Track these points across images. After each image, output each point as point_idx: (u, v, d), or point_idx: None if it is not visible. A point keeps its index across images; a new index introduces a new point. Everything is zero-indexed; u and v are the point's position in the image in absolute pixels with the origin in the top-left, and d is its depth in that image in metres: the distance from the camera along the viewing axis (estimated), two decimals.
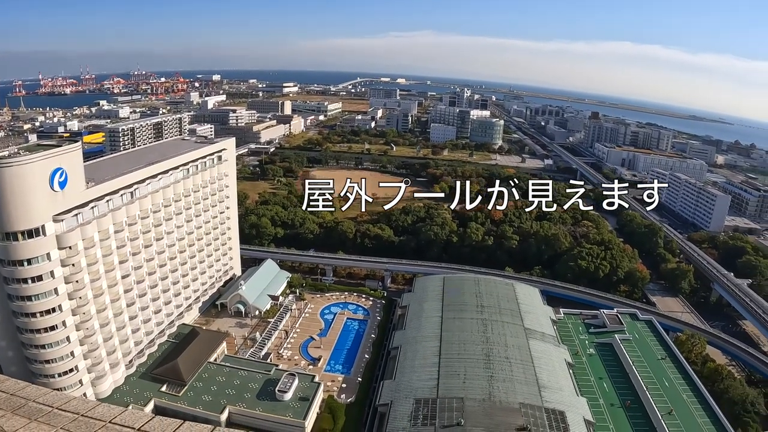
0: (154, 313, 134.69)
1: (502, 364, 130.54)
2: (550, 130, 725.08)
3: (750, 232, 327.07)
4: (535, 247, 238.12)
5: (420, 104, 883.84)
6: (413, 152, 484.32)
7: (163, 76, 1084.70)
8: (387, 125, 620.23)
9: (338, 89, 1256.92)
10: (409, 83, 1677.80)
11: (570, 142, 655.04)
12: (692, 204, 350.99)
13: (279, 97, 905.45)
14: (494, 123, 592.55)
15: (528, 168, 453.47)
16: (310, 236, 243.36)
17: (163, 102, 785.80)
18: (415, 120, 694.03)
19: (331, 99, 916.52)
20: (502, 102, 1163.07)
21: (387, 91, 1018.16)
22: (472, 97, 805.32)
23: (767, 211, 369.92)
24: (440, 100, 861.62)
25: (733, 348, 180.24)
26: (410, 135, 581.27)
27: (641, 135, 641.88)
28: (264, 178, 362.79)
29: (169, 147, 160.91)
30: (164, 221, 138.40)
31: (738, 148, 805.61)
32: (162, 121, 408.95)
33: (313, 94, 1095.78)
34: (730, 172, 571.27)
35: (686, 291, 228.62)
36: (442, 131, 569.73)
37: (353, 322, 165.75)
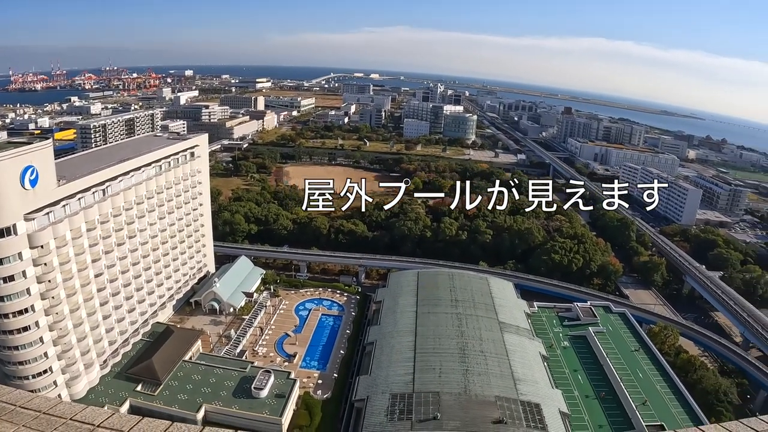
0: (128, 312, 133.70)
1: (477, 358, 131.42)
2: (523, 125, 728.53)
3: (721, 225, 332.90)
4: (509, 241, 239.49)
5: (393, 99, 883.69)
6: (387, 147, 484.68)
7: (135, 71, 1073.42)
8: (360, 121, 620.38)
9: (312, 85, 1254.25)
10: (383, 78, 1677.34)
11: (543, 137, 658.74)
12: (664, 197, 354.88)
13: (252, 92, 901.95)
14: (467, 118, 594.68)
15: (501, 163, 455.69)
16: (284, 232, 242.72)
17: (135, 98, 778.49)
18: (388, 115, 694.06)
19: (304, 94, 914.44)
20: (475, 97, 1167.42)
21: (360, 87, 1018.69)
22: (446, 92, 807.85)
23: (738, 204, 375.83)
24: (414, 95, 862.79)
25: (705, 339, 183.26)
26: (384, 130, 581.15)
27: (614, 130, 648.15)
28: (237, 174, 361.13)
29: (142, 143, 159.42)
30: (137, 219, 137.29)
31: (709, 143, 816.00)
32: (134, 118, 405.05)
33: (286, 89, 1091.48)
34: (701, 167, 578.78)
35: (659, 283, 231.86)
36: (416, 126, 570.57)
37: (328, 317, 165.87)
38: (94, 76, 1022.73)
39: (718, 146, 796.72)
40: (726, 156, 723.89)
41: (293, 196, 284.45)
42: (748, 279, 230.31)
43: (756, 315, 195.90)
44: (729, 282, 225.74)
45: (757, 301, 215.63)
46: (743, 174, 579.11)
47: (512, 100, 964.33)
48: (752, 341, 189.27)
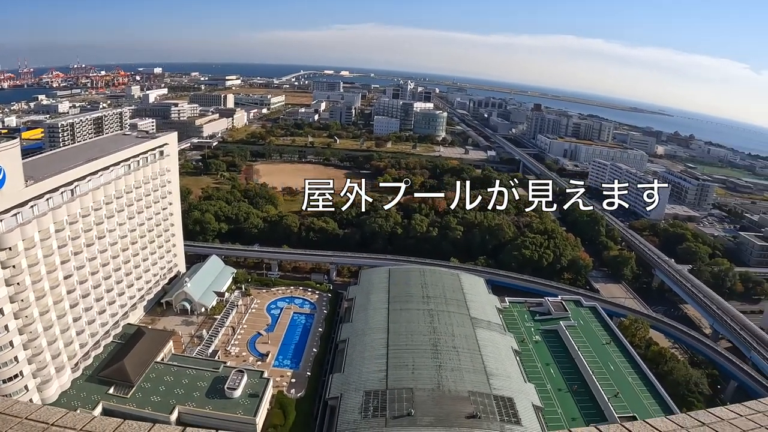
0: (99, 314, 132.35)
1: (449, 354, 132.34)
2: (493, 121, 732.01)
3: (689, 219, 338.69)
4: (480, 237, 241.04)
5: (364, 97, 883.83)
6: (357, 145, 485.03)
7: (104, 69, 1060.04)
8: (330, 118, 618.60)
9: (281, 82, 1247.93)
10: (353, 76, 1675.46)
11: (513, 134, 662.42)
12: (633, 193, 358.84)
13: (222, 90, 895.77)
14: (438, 115, 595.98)
15: (471, 159, 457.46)
16: (255, 231, 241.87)
17: (104, 96, 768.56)
18: (358, 112, 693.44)
19: (274, 92, 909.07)
20: (445, 94, 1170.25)
21: (330, 84, 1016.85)
22: (416, 89, 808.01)
23: (706, 199, 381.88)
24: (384, 92, 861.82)
25: (675, 331, 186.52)
26: (354, 127, 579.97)
27: (583, 126, 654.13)
28: (207, 172, 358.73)
29: (110, 142, 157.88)
30: (106, 219, 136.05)
31: (677, 139, 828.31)
32: (102, 116, 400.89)
33: (256, 87, 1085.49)
34: (669, 162, 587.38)
35: (629, 277, 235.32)
36: (386, 123, 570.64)
37: (300, 316, 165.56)
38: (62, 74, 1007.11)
39: (686, 142, 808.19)
40: (694, 152, 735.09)
41: (263, 194, 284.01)
42: (716, 272, 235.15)
43: (724, 307, 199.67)
44: (698, 275, 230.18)
45: (725, 294, 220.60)
46: (711, 169, 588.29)
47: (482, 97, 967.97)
48: (721, 332, 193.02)
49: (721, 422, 11.20)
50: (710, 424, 11.09)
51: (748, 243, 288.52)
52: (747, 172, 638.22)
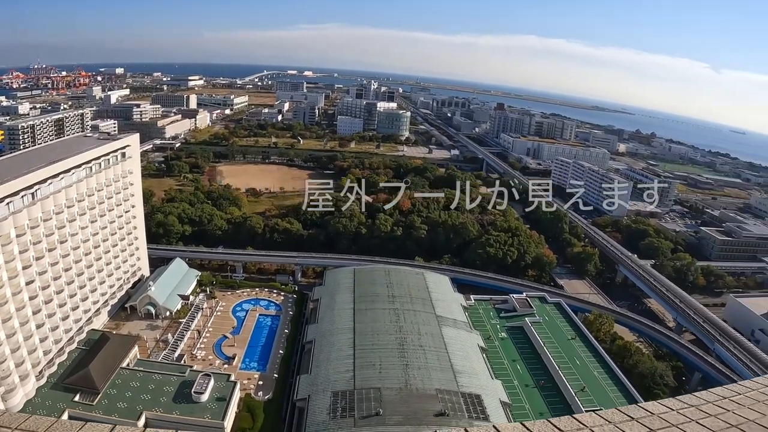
0: (62, 320, 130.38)
1: (416, 352, 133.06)
2: (457, 121, 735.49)
3: (651, 215, 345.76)
4: (444, 235, 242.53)
5: (327, 97, 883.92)
6: (320, 145, 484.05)
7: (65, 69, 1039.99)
8: (294, 118, 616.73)
9: (245, 82, 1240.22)
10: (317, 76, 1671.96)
11: (476, 133, 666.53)
12: (596, 190, 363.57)
13: (184, 90, 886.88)
14: (401, 115, 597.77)
15: (435, 159, 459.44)
16: (219, 233, 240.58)
17: (65, 97, 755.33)
18: (322, 113, 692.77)
19: (237, 92, 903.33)
20: (409, 94, 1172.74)
21: (294, 84, 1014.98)
22: (379, 89, 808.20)
23: (667, 196, 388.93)
24: (347, 92, 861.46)
25: (639, 325, 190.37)
26: (317, 128, 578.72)
27: (545, 125, 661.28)
28: (170, 174, 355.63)
29: (71, 144, 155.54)
30: (68, 222, 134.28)
31: (639, 137, 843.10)
32: (63, 117, 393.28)
33: (219, 87, 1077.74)
34: (631, 160, 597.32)
35: (592, 273, 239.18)
36: (349, 123, 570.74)
37: (266, 318, 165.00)
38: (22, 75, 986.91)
39: (648, 140, 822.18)
40: (655, 149, 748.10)
41: (227, 195, 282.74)
42: (678, 266, 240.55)
43: (687, 300, 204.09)
44: (660, 270, 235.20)
45: (688, 287, 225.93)
46: (672, 166, 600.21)
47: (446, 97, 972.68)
48: (685, 325, 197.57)
49: (651, 416, 11.58)
50: (639, 418, 11.46)
51: (709, 238, 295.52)
52: (707, 168, 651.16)
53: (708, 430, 11.41)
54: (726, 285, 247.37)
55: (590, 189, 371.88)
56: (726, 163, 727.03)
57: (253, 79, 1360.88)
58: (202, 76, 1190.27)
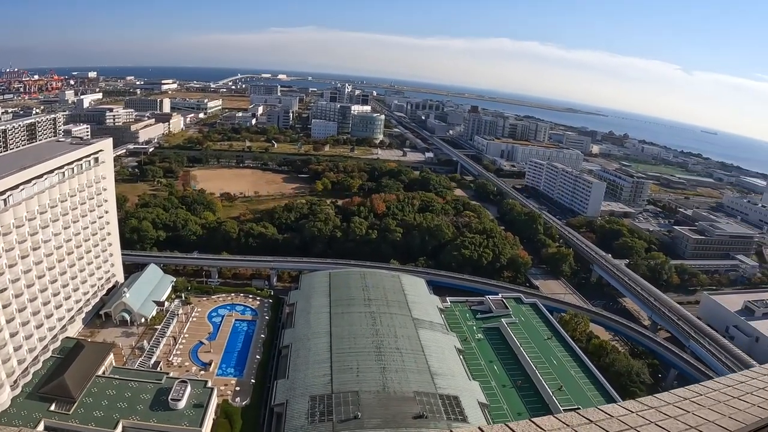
0: (36, 328, 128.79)
1: (393, 355, 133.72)
2: (431, 124, 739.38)
3: (625, 215, 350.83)
4: (419, 238, 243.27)
5: (301, 100, 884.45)
6: (295, 149, 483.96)
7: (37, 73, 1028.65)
8: (268, 122, 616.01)
9: (218, 86, 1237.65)
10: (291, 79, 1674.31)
11: (450, 136, 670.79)
12: (570, 191, 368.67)
13: (158, 94, 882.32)
14: (375, 118, 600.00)
15: (409, 161, 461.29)
16: (193, 238, 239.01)
17: (37, 101, 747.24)
18: (296, 116, 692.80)
19: (211, 96, 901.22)
20: (383, 97, 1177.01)
21: (268, 88, 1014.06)
22: (354, 92, 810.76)
23: (641, 195, 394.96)
24: (321, 96, 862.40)
25: (615, 324, 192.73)
26: (291, 131, 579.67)
27: (519, 127, 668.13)
28: (143, 179, 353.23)
29: (44, 149, 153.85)
30: (41, 229, 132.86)
31: (612, 138, 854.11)
32: (36, 122, 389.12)
33: (192, 91, 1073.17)
34: (605, 161, 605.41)
35: (567, 273, 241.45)
36: (324, 127, 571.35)
37: (242, 323, 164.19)
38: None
39: (621, 141, 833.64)
40: (628, 150, 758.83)
41: (201, 200, 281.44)
42: (652, 265, 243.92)
43: (662, 299, 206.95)
44: (635, 269, 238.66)
45: (662, 286, 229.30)
46: (645, 166, 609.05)
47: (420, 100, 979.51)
48: (660, 323, 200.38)
49: (609, 419, 11.89)
50: (597, 421, 11.75)
51: (682, 237, 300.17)
52: (680, 168, 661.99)
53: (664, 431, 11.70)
54: (700, 283, 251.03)
55: (564, 190, 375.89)
56: (698, 163, 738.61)
57: (227, 82, 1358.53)
58: (176, 79, 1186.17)
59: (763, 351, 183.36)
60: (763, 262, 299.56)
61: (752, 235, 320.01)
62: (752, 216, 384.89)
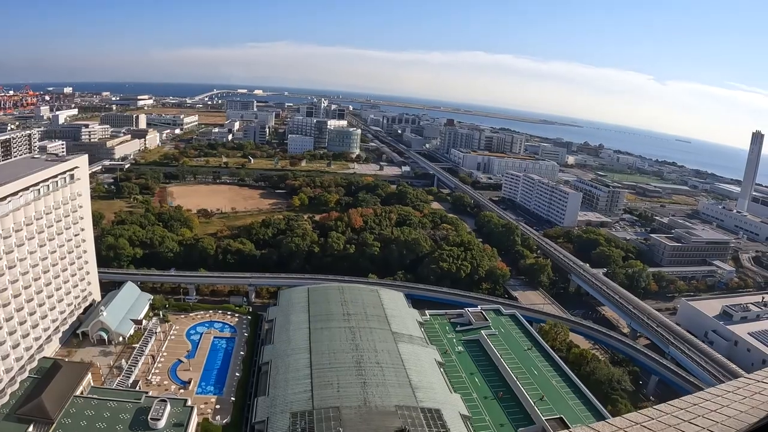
0: (12, 348, 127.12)
1: (373, 370, 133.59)
2: (407, 137, 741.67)
3: (602, 225, 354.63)
4: (397, 252, 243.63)
5: (277, 115, 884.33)
6: (271, 164, 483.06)
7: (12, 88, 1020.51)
8: (244, 138, 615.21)
9: (194, 101, 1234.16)
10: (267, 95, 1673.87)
11: (426, 149, 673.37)
12: (546, 202, 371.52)
13: (133, 110, 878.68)
14: (351, 132, 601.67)
15: (386, 175, 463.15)
16: (170, 255, 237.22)
17: (11, 117, 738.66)
18: (272, 131, 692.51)
19: (187, 112, 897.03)
20: (359, 111, 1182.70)
21: (244, 103, 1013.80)
22: (330, 107, 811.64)
23: (617, 205, 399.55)
24: (298, 110, 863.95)
25: (594, 333, 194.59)
26: (268, 147, 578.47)
27: (495, 139, 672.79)
28: (120, 196, 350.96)
29: (19, 166, 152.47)
30: (16, 247, 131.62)
31: (587, 149, 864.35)
32: (10, 138, 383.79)
33: (168, 106, 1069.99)
34: (581, 171, 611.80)
35: (546, 284, 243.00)
36: (300, 142, 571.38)
37: (221, 340, 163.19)
38: None
39: (596, 151, 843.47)
40: (603, 160, 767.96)
41: (178, 217, 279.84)
42: (630, 273, 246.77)
43: (641, 306, 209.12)
44: (613, 277, 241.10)
45: (640, 294, 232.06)
46: (620, 176, 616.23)
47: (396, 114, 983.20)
48: (639, 330, 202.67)
49: None
50: None
51: (659, 244, 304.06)
52: (655, 177, 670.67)
53: None
54: (678, 289, 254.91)
55: (541, 201, 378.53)
56: (673, 171, 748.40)
57: (203, 98, 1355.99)
58: (152, 95, 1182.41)
59: (742, 354, 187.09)
60: (740, 266, 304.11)
61: (728, 241, 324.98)
62: (728, 222, 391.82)
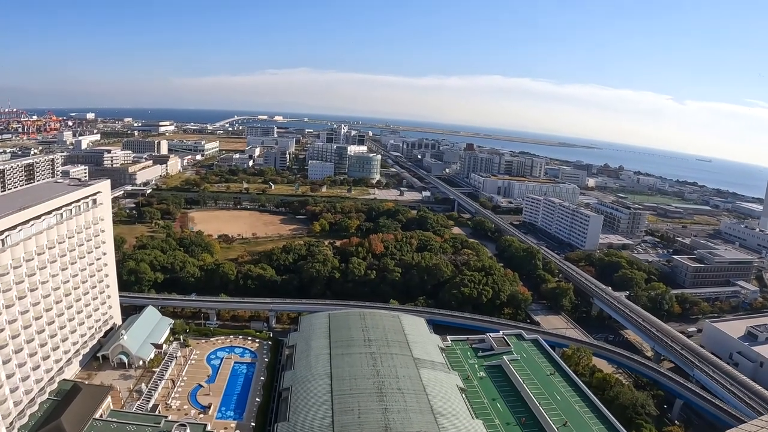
0: (33, 370, 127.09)
1: (395, 396, 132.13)
2: (427, 162, 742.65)
3: (623, 247, 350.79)
4: (418, 277, 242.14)
5: (298, 141, 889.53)
6: (292, 190, 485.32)
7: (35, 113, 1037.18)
8: (265, 163, 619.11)
9: (215, 128, 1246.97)
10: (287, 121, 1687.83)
11: (447, 174, 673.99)
12: (567, 225, 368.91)
13: (155, 136, 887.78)
14: (372, 158, 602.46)
15: (406, 201, 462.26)
16: (191, 280, 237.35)
17: (35, 141, 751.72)
18: (293, 157, 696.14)
19: (208, 138, 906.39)
20: (379, 137, 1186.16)
21: (264, 129, 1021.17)
22: (350, 133, 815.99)
23: (638, 226, 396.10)
24: (318, 136, 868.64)
25: (617, 356, 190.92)
26: (288, 173, 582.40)
27: (515, 163, 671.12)
28: (141, 221, 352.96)
29: (42, 190, 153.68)
30: (38, 270, 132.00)
31: (608, 171, 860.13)
32: (34, 162, 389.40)
33: (189, 133, 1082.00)
34: (601, 193, 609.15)
35: (568, 308, 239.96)
36: (321, 168, 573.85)
37: (241, 365, 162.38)
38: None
39: (616, 173, 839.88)
40: (624, 182, 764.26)
41: (199, 242, 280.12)
42: (653, 296, 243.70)
43: (664, 329, 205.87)
44: (635, 300, 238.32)
45: (663, 316, 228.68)
46: (641, 197, 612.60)
47: (415, 139, 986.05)
48: (663, 354, 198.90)
49: None
50: None
51: (682, 266, 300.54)
52: (676, 198, 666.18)
53: None
54: (701, 311, 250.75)
55: (562, 224, 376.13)
56: (694, 191, 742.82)
57: (223, 124, 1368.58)
58: (173, 121, 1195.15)
59: None
60: (764, 286, 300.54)
61: (751, 260, 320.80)
62: (750, 241, 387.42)
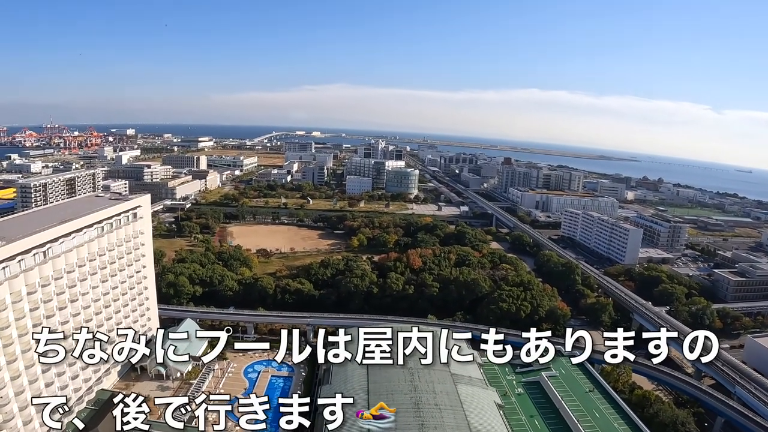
0: (71, 379, 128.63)
1: (432, 412, 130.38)
2: (465, 177, 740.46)
3: (663, 261, 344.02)
4: (456, 292, 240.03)
5: (335, 157, 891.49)
6: (330, 205, 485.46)
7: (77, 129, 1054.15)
8: (303, 179, 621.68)
9: (254, 143, 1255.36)
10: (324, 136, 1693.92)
11: (484, 188, 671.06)
12: (606, 239, 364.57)
13: (194, 151, 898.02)
14: (409, 173, 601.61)
15: (444, 216, 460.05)
16: (230, 293, 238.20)
17: (77, 156, 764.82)
18: (331, 173, 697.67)
19: (246, 153, 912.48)
20: (416, 152, 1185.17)
21: (302, 145, 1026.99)
22: (387, 148, 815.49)
23: (678, 240, 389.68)
24: (355, 152, 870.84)
25: (657, 373, 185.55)
26: (326, 188, 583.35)
27: (553, 177, 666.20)
28: (180, 235, 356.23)
29: (83, 204, 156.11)
30: (78, 282, 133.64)
31: (647, 184, 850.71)
32: (75, 177, 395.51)
33: (228, 148, 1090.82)
34: (640, 207, 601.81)
35: (607, 323, 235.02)
36: (358, 183, 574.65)
37: (278, 379, 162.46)
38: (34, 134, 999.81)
39: (655, 186, 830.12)
40: (663, 194, 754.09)
41: (238, 256, 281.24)
42: (694, 311, 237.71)
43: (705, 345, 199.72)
44: (676, 315, 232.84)
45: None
46: (681, 210, 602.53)
47: (453, 154, 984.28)
48: (704, 370, 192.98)
49: None
50: None
51: (723, 280, 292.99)
52: (716, 210, 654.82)
53: None
54: (743, 326, 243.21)
55: (601, 239, 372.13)
56: (734, 203, 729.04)
57: (262, 140, 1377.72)
58: (212, 137, 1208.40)
59: None
60: None
61: None
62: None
